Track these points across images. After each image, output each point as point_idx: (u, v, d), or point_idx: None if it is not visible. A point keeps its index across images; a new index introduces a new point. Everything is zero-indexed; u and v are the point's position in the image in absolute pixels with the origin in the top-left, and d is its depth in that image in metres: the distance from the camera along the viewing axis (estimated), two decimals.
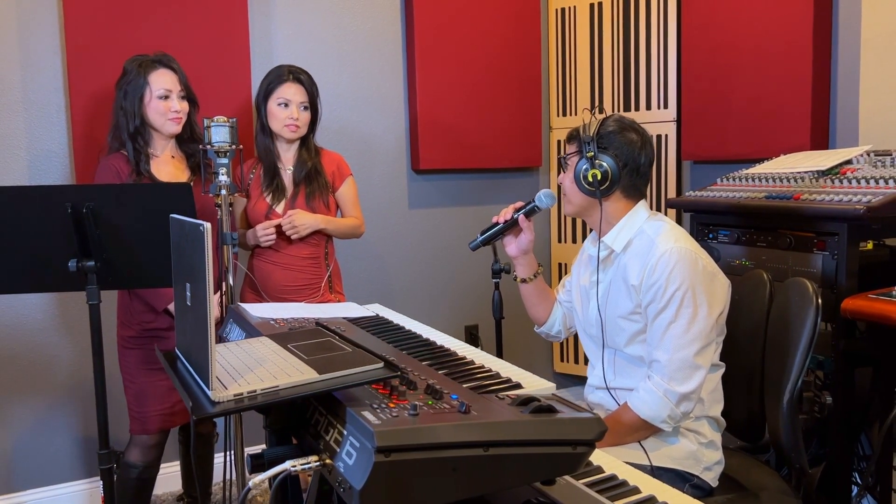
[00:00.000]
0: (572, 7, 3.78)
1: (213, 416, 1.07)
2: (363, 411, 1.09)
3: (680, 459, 1.83)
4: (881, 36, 2.67)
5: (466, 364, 1.46)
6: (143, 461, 2.45)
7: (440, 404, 1.16)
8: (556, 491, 1.29)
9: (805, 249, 2.26)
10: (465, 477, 1.07)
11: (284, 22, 3.27)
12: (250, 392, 1.11)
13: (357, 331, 1.74)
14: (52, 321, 2.93)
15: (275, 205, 2.69)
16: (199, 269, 1.11)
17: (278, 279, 2.69)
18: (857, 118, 2.78)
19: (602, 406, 1.99)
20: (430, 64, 3.52)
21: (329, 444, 1.13)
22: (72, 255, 1.94)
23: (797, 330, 1.80)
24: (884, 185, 2.12)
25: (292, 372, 1.17)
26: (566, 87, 3.85)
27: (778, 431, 1.82)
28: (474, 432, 1.07)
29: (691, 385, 1.77)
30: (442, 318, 3.73)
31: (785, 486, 1.89)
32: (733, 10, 3.13)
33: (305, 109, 2.70)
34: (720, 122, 3.24)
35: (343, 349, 1.30)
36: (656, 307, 1.80)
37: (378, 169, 3.55)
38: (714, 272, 1.85)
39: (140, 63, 2.41)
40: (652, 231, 1.87)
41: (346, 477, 1.05)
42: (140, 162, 2.38)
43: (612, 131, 1.87)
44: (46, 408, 2.94)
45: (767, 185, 2.49)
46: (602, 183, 1.86)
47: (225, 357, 1.30)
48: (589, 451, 1.15)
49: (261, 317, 1.83)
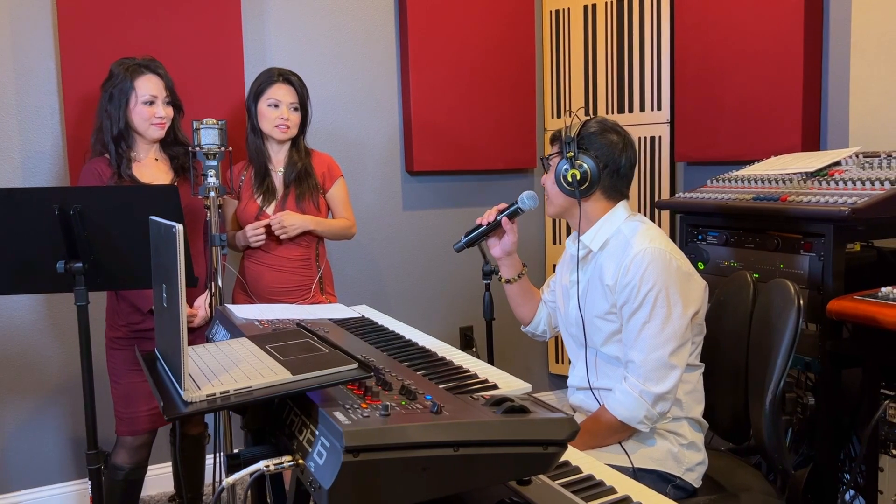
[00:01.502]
0: (566, 9, 3.79)
1: (185, 416, 1.08)
2: (335, 412, 1.10)
3: (661, 460, 1.84)
4: (871, 38, 2.67)
5: (445, 365, 1.47)
6: (130, 463, 2.46)
7: (413, 405, 1.16)
8: (532, 491, 1.30)
9: (792, 251, 2.26)
10: (435, 476, 1.07)
11: (278, 24, 3.29)
12: (223, 392, 1.12)
13: (340, 332, 1.75)
14: (41, 323, 2.95)
15: (265, 206, 2.70)
16: (173, 271, 1.12)
17: (269, 280, 2.70)
18: (848, 120, 2.78)
19: (583, 408, 1.99)
20: (423, 65, 3.53)
21: (302, 445, 1.14)
22: (60, 256, 1.95)
23: (779, 331, 1.81)
24: (870, 187, 2.12)
25: (266, 373, 1.18)
26: (560, 88, 3.86)
27: (761, 432, 1.82)
28: (444, 432, 1.08)
29: (667, 385, 1.77)
30: (437, 320, 3.74)
31: (769, 487, 1.90)
32: (725, 12, 3.14)
33: (296, 111, 2.71)
34: (713, 124, 3.24)
35: (320, 350, 1.30)
36: (631, 307, 1.81)
37: (372, 171, 3.56)
38: (689, 272, 1.86)
39: (127, 67, 2.42)
40: (629, 231, 1.88)
41: (315, 477, 1.06)
42: (122, 165, 2.39)
43: (593, 132, 1.89)
44: (36, 409, 2.95)
45: (756, 186, 2.49)
46: (581, 183, 1.87)
47: (202, 358, 1.31)
48: (560, 451, 1.16)
49: (246, 318, 1.84)
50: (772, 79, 2.97)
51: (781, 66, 2.92)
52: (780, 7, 2.91)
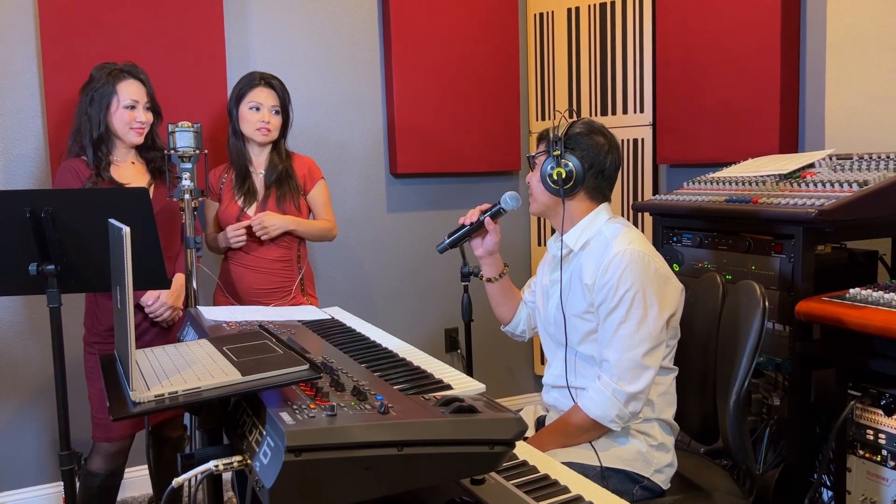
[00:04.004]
0: (550, 12, 3.80)
1: (133, 416, 1.09)
2: (281, 412, 1.12)
3: (629, 461, 1.85)
4: (845, 40, 2.69)
5: (404, 366, 1.48)
6: (106, 469, 2.46)
7: (363, 405, 1.18)
8: (483, 490, 1.31)
9: (764, 252, 2.27)
10: (379, 476, 1.09)
11: (261, 28, 3.30)
12: (171, 393, 1.13)
13: (307, 334, 1.76)
14: (20, 325, 2.95)
15: (246, 208, 2.72)
16: (121, 273, 1.13)
17: (250, 282, 2.72)
18: (824, 122, 2.79)
19: (556, 407, 2.01)
20: (407, 68, 3.55)
21: (251, 445, 1.16)
22: (32, 258, 1.97)
23: (745, 332, 1.82)
24: (839, 189, 2.13)
25: (217, 373, 1.20)
26: (545, 91, 3.87)
27: (727, 433, 1.83)
28: (388, 432, 1.09)
29: (639, 385, 1.79)
30: (422, 322, 3.75)
31: (734, 487, 1.91)
32: (705, 16, 3.15)
33: (277, 114, 2.73)
34: (694, 127, 3.26)
35: (275, 352, 1.32)
36: (607, 307, 1.83)
37: (356, 173, 3.57)
38: (667, 275, 1.87)
39: (109, 72, 2.44)
40: (609, 233, 1.90)
41: (259, 476, 1.07)
42: (101, 167, 2.40)
43: (579, 133, 1.91)
44: (14, 411, 2.96)
45: (729, 188, 2.51)
46: (566, 182, 1.89)
47: (159, 359, 1.33)
48: (507, 450, 1.17)
49: (215, 320, 1.85)
50: (750, 82, 2.98)
51: (759, 69, 2.94)
52: (758, 11, 2.93)
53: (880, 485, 1.94)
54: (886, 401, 1.91)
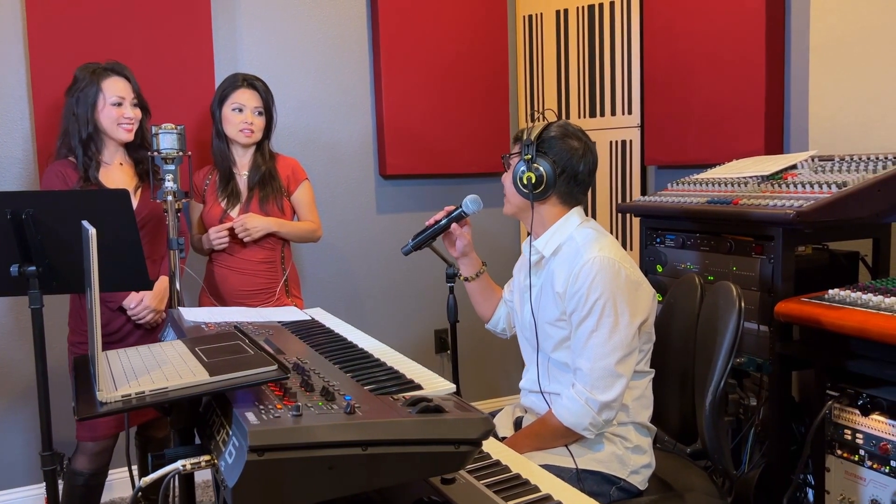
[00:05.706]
0: (539, 14, 3.81)
1: (100, 416, 1.10)
2: (247, 412, 1.12)
3: (605, 462, 1.85)
4: (828, 42, 2.70)
5: (378, 367, 1.48)
6: (90, 469, 2.46)
7: (330, 405, 1.19)
8: (452, 490, 1.32)
9: (745, 253, 2.28)
10: (342, 475, 1.10)
11: (249, 29, 3.31)
12: (138, 393, 1.14)
13: (284, 334, 1.77)
14: (4, 326, 2.95)
15: (230, 209, 2.72)
16: (88, 273, 1.14)
17: (234, 283, 2.72)
18: (807, 124, 2.80)
19: (534, 409, 2.01)
20: (396, 70, 3.56)
21: (218, 444, 1.17)
22: (14, 260, 1.97)
23: (721, 332, 1.83)
24: (818, 191, 2.14)
25: (186, 374, 1.21)
26: (533, 93, 3.88)
27: (703, 433, 1.84)
28: (352, 432, 1.10)
29: (612, 394, 1.79)
30: (412, 323, 3.76)
31: (711, 487, 1.92)
32: (692, 17, 3.16)
33: (260, 115, 2.74)
34: (681, 128, 3.27)
35: (245, 352, 1.33)
36: (579, 315, 1.82)
37: (345, 175, 3.58)
38: (638, 281, 1.87)
39: (93, 71, 2.44)
40: (581, 238, 1.89)
41: (224, 475, 1.08)
42: (90, 169, 2.40)
43: (553, 136, 1.89)
44: (0, 412, 2.96)
45: (712, 189, 2.52)
46: (537, 186, 1.88)
47: (131, 359, 1.34)
48: (473, 449, 1.18)
49: (194, 321, 1.86)
50: (736, 84, 3.00)
51: (745, 72, 2.95)
52: (744, 15, 2.94)
53: (858, 484, 1.95)
54: (863, 401, 1.92)
